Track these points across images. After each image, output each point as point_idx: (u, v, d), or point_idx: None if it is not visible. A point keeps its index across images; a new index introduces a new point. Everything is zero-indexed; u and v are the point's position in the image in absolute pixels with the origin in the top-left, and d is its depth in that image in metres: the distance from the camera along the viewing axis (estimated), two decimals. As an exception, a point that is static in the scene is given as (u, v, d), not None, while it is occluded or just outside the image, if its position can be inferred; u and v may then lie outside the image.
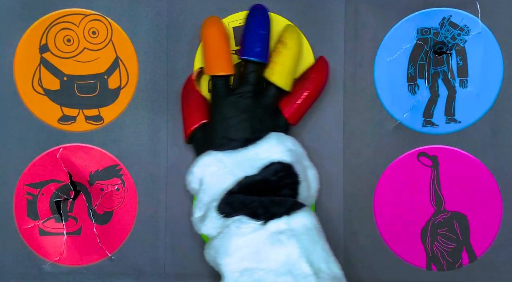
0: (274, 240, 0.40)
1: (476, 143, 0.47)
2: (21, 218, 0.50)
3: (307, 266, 0.39)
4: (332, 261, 0.41)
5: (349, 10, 0.48)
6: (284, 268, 0.39)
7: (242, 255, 0.40)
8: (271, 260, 0.39)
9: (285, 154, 0.44)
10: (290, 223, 0.40)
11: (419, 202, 0.48)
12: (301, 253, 0.39)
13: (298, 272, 0.38)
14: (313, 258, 0.39)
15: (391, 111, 0.48)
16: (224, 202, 0.42)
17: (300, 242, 0.40)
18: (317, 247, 0.40)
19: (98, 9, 0.49)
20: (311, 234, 0.41)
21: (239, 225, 0.41)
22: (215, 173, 0.43)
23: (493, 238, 0.48)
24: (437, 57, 0.48)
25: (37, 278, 0.50)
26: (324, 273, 0.39)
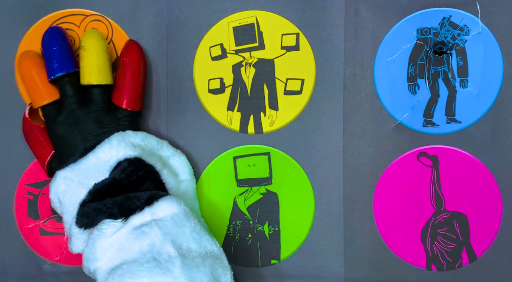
0: (138, 233, 0.40)
1: (476, 143, 0.47)
2: (22, 217, 0.50)
3: (172, 249, 0.39)
4: (205, 240, 0.41)
5: (349, 10, 0.48)
6: (148, 256, 0.39)
7: (109, 256, 0.40)
8: (135, 252, 0.39)
9: (129, 149, 0.43)
10: (154, 212, 0.41)
11: (419, 202, 0.48)
12: (165, 238, 0.40)
13: (162, 256, 0.39)
14: (181, 240, 0.40)
15: (391, 111, 0.48)
16: (80, 215, 0.42)
17: (163, 228, 0.40)
18: (184, 229, 0.41)
19: (98, 9, 0.50)
20: (177, 218, 0.41)
21: (100, 228, 0.41)
22: (65, 190, 0.43)
23: (493, 238, 0.48)
24: (437, 57, 0.47)
25: (37, 278, 0.50)
26: (194, 251, 0.40)
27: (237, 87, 0.49)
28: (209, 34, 0.49)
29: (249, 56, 0.49)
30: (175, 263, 0.39)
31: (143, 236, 0.40)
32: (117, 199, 0.42)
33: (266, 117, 0.49)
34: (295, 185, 0.49)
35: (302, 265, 0.49)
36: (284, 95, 0.49)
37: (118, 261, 0.40)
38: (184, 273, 0.38)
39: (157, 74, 0.49)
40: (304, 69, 0.49)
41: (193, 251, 0.40)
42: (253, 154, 0.49)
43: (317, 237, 0.49)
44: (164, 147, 0.47)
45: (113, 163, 0.43)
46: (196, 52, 0.49)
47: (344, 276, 0.49)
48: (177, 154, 0.47)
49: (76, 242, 0.43)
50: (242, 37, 0.49)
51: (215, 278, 0.40)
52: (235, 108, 0.49)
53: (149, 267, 0.38)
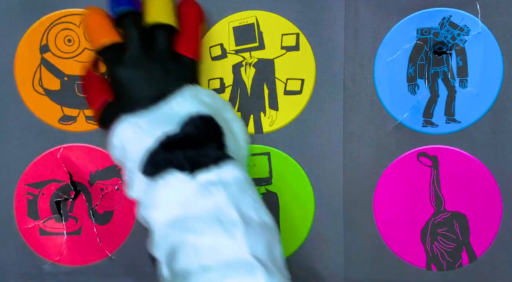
0: (204, 191, 0.39)
1: (476, 143, 0.47)
2: (22, 217, 0.50)
3: (236, 213, 0.38)
4: (262, 210, 0.41)
5: (349, 10, 0.48)
6: (213, 216, 0.38)
7: (170, 207, 0.39)
8: (200, 209, 0.39)
9: (202, 105, 0.42)
10: (220, 173, 0.40)
11: (419, 202, 0.48)
12: (230, 201, 0.39)
13: (226, 218, 0.38)
14: (242, 206, 0.39)
15: (391, 111, 0.48)
16: (148, 163, 0.41)
17: (229, 191, 0.39)
18: (246, 196, 0.40)
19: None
20: (241, 184, 0.40)
21: (166, 178, 0.40)
22: (132, 137, 0.42)
23: (493, 238, 0.48)
24: (437, 57, 0.48)
25: (37, 278, 0.50)
26: (253, 220, 0.39)
27: (237, 87, 0.49)
28: (209, 34, 0.49)
29: (249, 56, 0.49)
30: (238, 227, 0.38)
31: (209, 194, 0.39)
32: (188, 153, 0.40)
33: (266, 117, 0.49)
34: (295, 185, 0.49)
35: (302, 265, 0.49)
36: (284, 95, 0.49)
37: (180, 214, 0.39)
38: (246, 239, 0.37)
39: (157, 74, 0.49)
40: (304, 69, 0.49)
41: (252, 220, 0.39)
42: (253, 154, 0.49)
43: (317, 237, 0.49)
44: (228, 109, 0.46)
45: (185, 116, 0.41)
46: (196, 52, 0.49)
47: (344, 276, 0.49)
48: (237, 119, 0.46)
49: (136, 188, 0.41)
50: (242, 37, 0.49)
51: (269, 249, 0.39)
52: (235, 108, 0.49)
53: (213, 226, 0.38)
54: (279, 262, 0.39)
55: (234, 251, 0.37)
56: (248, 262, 0.37)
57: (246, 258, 0.37)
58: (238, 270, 0.36)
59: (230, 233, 0.37)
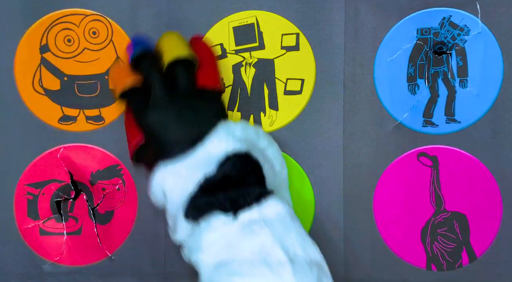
0: (247, 230, 0.38)
1: (476, 143, 0.47)
2: (22, 218, 0.50)
3: (282, 253, 0.37)
4: (309, 245, 0.39)
5: (349, 10, 0.48)
6: (259, 257, 0.37)
7: (215, 249, 0.39)
8: (245, 251, 0.38)
9: (237, 143, 0.41)
10: (262, 211, 0.39)
11: (419, 202, 0.48)
12: (275, 240, 0.38)
13: (273, 259, 0.37)
14: (288, 244, 0.38)
15: (391, 111, 0.48)
16: (190, 207, 0.40)
17: (273, 230, 0.38)
18: (291, 233, 0.39)
19: (98, 9, 0.49)
20: (284, 220, 0.39)
21: (209, 221, 0.39)
22: (173, 184, 0.41)
23: (493, 238, 0.48)
24: (437, 57, 0.48)
25: (37, 278, 0.50)
26: (301, 257, 0.38)
27: (237, 87, 0.49)
28: (209, 34, 0.49)
29: (249, 56, 0.49)
30: (286, 268, 0.37)
31: (253, 235, 0.38)
32: (229, 194, 0.40)
33: (266, 117, 0.49)
34: (295, 185, 0.49)
35: (302, 265, 0.49)
36: (284, 95, 0.49)
37: (226, 257, 0.38)
38: (294, 279, 0.36)
39: (157, 74, 0.49)
40: (304, 69, 0.49)
41: (299, 256, 0.38)
42: (253, 154, 0.49)
43: (317, 236, 0.49)
44: (261, 137, 0.44)
45: (221, 156, 0.40)
46: (196, 52, 0.49)
47: (344, 276, 0.49)
48: (272, 144, 0.45)
49: (180, 232, 0.41)
50: (242, 37, 0.49)
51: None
52: (235, 108, 0.49)
53: (261, 269, 0.37)
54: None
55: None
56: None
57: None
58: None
59: (278, 274, 0.37)
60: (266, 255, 0.37)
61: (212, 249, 0.39)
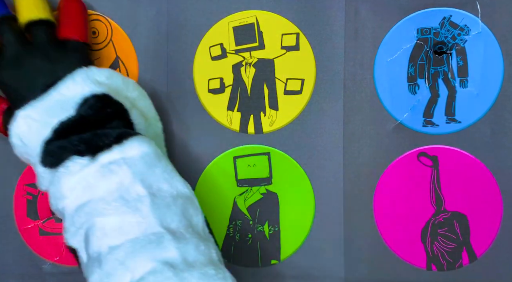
0: (106, 171, 0.39)
1: (476, 143, 0.47)
2: (21, 218, 0.50)
3: (142, 188, 0.38)
4: (177, 180, 0.40)
5: (349, 10, 0.48)
6: (116, 195, 0.38)
7: (76, 194, 0.39)
8: (102, 190, 0.38)
9: (95, 85, 0.41)
10: (124, 151, 0.39)
11: (419, 202, 0.48)
12: (135, 177, 0.38)
13: (131, 195, 0.38)
14: (151, 180, 0.39)
15: (391, 111, 0.48)
16: (44, 153, 0.40)
17: (133, 167, 0.39)
18: (156, 169, 0.40)
19: (98, 9, 0.49)
20: (148, 158, 0.40)
21: (67, 166, 0.39)
22: (27, 130, 0.41)
23: (493, 238, 0.48)
24: (437, 57, 0.48)
25: (37, 278, 0.50)
26: (165, 191, 0.39)
27: (237, 87, 0.49)
28: (209, 34, 0.49)
29: (249, 56, 0.49)
30: (144, 202, 0.37)
31: (111, 174, 0.38)
32: (84, 135, 0.40)
33: (266, 117, 0.49)
34: (295, 185, 0.49)
35: (302, 265, 0.49)
36: (284, 95, 0.49)
37: (85, 199, 0.38)
38: (154, 212, 0.37)
39: (157, 74, 0.49)
40: (304, 69, 0.49)
41: (163, 191, 0.39)
42: (253, 154, 0.49)
43: (317, 237, 0.49)
44: (130, 88, 0.45)
45: (79, 99, 0.41)
46: (196, 52, 0.49)
47: (344, 276, 0.49)
48: (143, 96, 0.46)
49: (42, 182, 0.41)
50: (242, 37, 0.49)
51: (186, 218, 0.39)
52: (235, 108, 0.49)
53: (116, 205, 0.37)
54: (199, 228, 0.39)
55: (142, 227, 0.37)
56: (157, 234, 0.36)
57: (155, 230, 0.37)
58: (145, 245, 0.36)
59: (136, 209, 0.37)
60: (124, 192, 0.38)
61: (73, 194, 0.39)
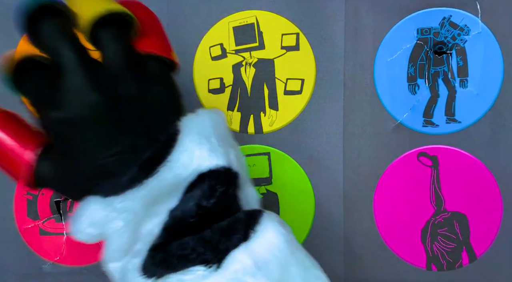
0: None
1: (476, 143, 0.47)
2: (21, 218, 0.50)
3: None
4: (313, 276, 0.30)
5: (349, 10, 0.48)
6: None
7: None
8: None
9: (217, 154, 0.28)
10: (253, 250, 0.28)
11: (419, 202, 0.48)
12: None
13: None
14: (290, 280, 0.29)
15: (391, 111, 0.48)
16: (152, 263, 0.27)
17: (271, 275, 0.28)
18: (291, 268, 0.29)
19: (98, 9, 0.49)
20: (281, 256, 0.29)
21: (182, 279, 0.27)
22: (123, 229, 0.27)
23: (493, 238, 0.48)
24: (437, 57, 0.47)
25: (37, 278, 0.50)
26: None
27: (237, 87, 0.49)
28: (209, 34, 0.49)
29: (249, 56, 0.49)
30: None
31: None
32: (206, 236, 0.27)
33: (266, 117, 0.49)
34: (295, 185, 0.49)
35: (302, 265, 0.49)
36: (284, 95, 0.49)
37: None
38: None
39: (157, 74, 0.49)
40: (304, 69, 0.49)
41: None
42: (253, 154, 0.49)
43: (317, 237, 0.49)
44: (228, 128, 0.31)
45: (192, 177, 0.27)
46: (196, 52, 0.49)
47: (344, 276, 0.49)
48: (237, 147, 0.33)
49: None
50: (242, 37, 0.49)
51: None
52: (235, 108, 0.49)
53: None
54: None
55: None
56: None
57: None
58: None
59: None
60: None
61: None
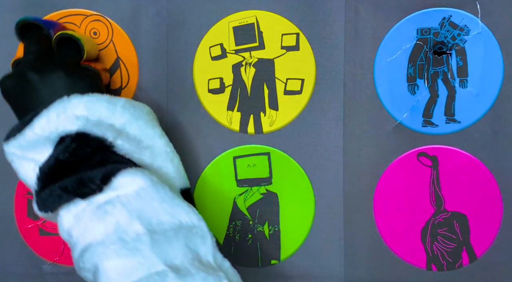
0: (101, 212, 0.37)
1: (476, 143, 0.47)
2: (21, 218, 0.50)
3: (140, 226, 0.37)
4: (179, 209, 0.38)
5: (349, 10, 0.48)
6: (114, 237, 0.36)
7: (77, 237, 0.38)
8: (100, 233, 0.37)
9: (69, 122, 0.39)
10: (117, 188, 0.38)
11: (419, 202, 0.48)
12: (131, 215, 0.37)
13: (129, 236, 0.36)
14: (150, 215, 0.37)
15: (391, 111, 0.48)
16: (39, 204, 0.39)
17: (128, 205, 0.37)
18: (153, 203, 0.38)
19: (99, 9, 0.50)
20: (143, 192, 0.38)
21: (59, 214, 0.39)
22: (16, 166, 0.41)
23: (493, 238, 0.48)
24: (437, 57, 0.48)
25: (37, 278, 0.50)
26: (166, 224, 0.37)
27: (237, 87, 0.49)
28: (209, 34, 0.49)
29: (249, 56, 0.49)
30: (143, 241, 0.36)
31: (107, 215, 0.37)
32: (68, 184, 0.38)
33: (266, 117, 0.49)
34: (295, 185, 0.49)
35: (302, 265, 0.49)
36: (284, 95, 0.49)
37: (86, 243, 0.37)
38: (155, 250, 0.36)
39: (157, 74, 0.49)
40: (304, 69, 0.49)
41: (164, 224, 0.37)
42: (253, 154, 0.49)
43: (317, 237, 0.49)
44: (118, 113, 0.41)
45: (55, 137, 0.39)
46: (196, 52, 0.49)
47: (344, 276, 0.49)
48: (137, 117, 0.42)
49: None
50: (242, 37, 0.49)
51: (191, 249, 0.37)
52: (235, 108, 0.49)
53: (116, 248, 0.36)
54: (208, 257, 0.38)
55: (145, 267, 0.35)
56: (160, 273, 0.35)
57: (158, 269, 0.35)
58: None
59: (136, 250, 0.36)
60: (122, 233, 0.36)
61: (74, 237, 0.38)
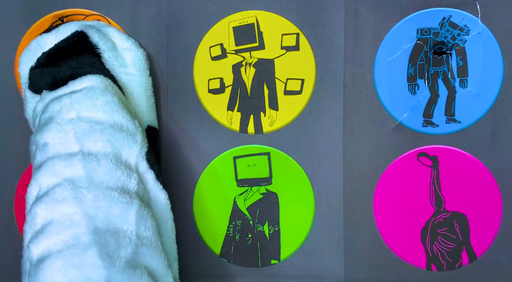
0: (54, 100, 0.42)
1: (476, 143, 0.47)
2: (22, 217, 0.50)
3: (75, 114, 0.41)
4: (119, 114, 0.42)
5: (349, 10, 0.48)
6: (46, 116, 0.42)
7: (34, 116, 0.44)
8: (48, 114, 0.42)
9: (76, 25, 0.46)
10: (75, 85, 0.42)
11: (419, 202, 0.48)
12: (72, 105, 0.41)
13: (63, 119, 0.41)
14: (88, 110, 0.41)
15: (391, 111, 0.48)
16: (29, 80, 0.44)
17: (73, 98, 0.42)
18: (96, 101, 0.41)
19: (98, 9, 0.50)
20: (91, 91, 0.42)
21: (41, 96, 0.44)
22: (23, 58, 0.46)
23: (493, 238, 0.48)
24: (437, 57, 0.48)
25: (38, 277, 0.50)
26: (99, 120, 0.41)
27: (237, 87, 0.49)
28: (209, 34, 0.49)
29: (249, 56, 0.49)
30: (70, 125, 0.40)
31: (57, 101, 0.42)
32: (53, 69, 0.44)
33: (266, 117, 0.49)
34: (295, 185, 0.49)
35: (302, 265, 0.49)
36: (284, 95, 0.49)
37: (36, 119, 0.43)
38: (76, 134, 0.40)
39: (157, 74, 0.49)
40: (304, 69, 0.49)
41: (97, 120, 0.41)
42: (253, 154, 0.49)
43: (317, 237, 0.49)
44: (116, 35, 0.47)
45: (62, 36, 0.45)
46: (196, 52, 0.49)
47: (344, 276, 0.49)
48: (134, 49, 0.47)
49: (27, 108, 0.45)
50: (242, 37, 0.49)
51: (114, 146, 0.41)
52: (235, 108, 0.49)
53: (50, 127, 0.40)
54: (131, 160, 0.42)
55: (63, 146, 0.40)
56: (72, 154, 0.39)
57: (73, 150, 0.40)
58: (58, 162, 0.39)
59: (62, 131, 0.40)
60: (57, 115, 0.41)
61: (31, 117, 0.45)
